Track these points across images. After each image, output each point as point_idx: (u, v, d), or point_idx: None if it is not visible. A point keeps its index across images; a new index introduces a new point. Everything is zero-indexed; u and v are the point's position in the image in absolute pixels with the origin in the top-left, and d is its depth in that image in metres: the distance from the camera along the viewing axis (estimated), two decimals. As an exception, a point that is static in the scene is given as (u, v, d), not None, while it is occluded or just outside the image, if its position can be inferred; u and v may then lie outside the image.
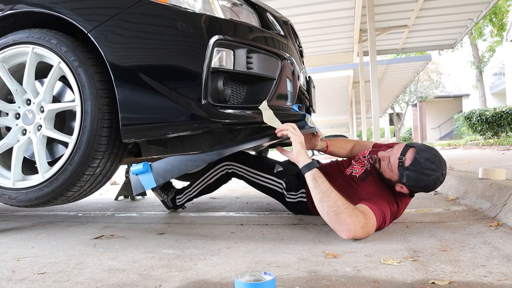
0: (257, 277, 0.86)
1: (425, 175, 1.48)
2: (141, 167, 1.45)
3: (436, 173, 1.48)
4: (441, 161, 1.50)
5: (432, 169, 1.47)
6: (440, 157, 1.51)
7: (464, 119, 11.95)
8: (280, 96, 1.60)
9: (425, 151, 1.50)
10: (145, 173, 1.45)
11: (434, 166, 1.47)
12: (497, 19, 15.09)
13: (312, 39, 7.29)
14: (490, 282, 0.95)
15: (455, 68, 26.61)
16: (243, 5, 1.60)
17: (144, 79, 1.36)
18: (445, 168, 1.51)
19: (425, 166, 1.47)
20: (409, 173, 1.49)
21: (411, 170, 1.48)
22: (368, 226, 1.38)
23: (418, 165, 1.47)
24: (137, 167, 1.45)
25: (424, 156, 1.48)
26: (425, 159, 1.47)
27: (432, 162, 1.47)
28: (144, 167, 1.45)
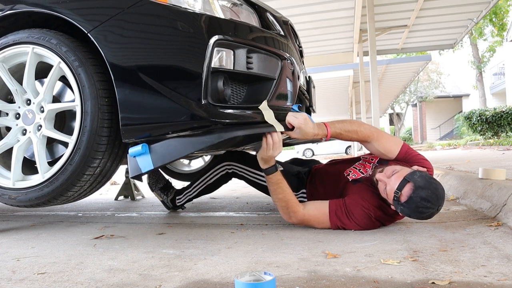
0: (257, 277, 0.86)
1: (419, 213, 1.46)
2: (139, 148, 1.39)
3: (431, 211, 1.45)
4: (438, 198, 1.45)
5: (427, 207, 1.44)
6: (438, 193, 1.45)
7: (464, 119, 11.95)
8: (280, 96, 1.60)
9: (423, 188, 1.43)
10: (143, 155, 1.39)
11: (430, 205, 1.44)
12: (498, 19, 15.07)
13: (312, 39, 7.29)
14: (490, 282, 0.95)
15: (455, 68, 26.61)
16: (243, 5, 1.60)
17: (144, 79, 1.36)
18: (442, 203, 1.47)
19: (420, 205, 1.44)
20: (403, 208, 1.48)
21: (405, 206, 1.46)
22: (302, 221, 1.64)
23: (413, 204, 1.44)
24: (135, 149, 1.40)
25: (420, 195, 1.43)
26: (421, 198, 1.43)
27: (428, 201, 1.43)
28: (143, 149, 1.39)
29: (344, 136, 1.68)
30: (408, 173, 1.50)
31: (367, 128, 1.72)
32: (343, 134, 1.67)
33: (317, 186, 1.88)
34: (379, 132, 1.73)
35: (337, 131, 1.65)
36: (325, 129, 1.62)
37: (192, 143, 1.37)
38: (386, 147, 1.70)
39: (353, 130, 1.67)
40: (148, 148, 1.40)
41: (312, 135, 1.60)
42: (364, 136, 1.69)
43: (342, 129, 1.66)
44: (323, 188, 1.84)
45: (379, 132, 1.72)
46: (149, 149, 1.39)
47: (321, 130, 1.62)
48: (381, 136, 1.70)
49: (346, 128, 1.67)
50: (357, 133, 1.68)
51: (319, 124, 1.63)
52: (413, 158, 1.68)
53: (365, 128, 1.70)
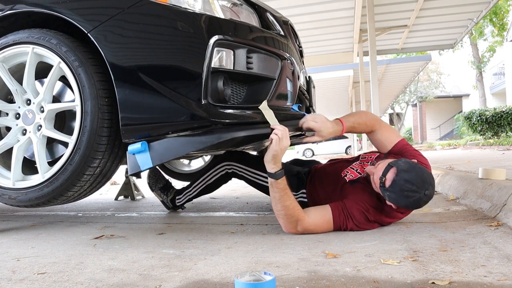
0: (257, 277, 0.86)
1: (404, 197, 1.44)
2: (139, 146, 1.38)
3: (417, 195, 1.42)
4: (424, 182, 1.43)
5: (412, 190, 1.42)
6: (424, 177, 1.44)
7: (464, 119, 11.95)
8: (280, 96, 1.60)
9: (406, 171, 1.44)
10: (142, 153, 1.38)
11: (415, 188, 1.41)
12: (498, 19, 15.08)
13: (312, 39, 7.29)
14: (490, 282, 0.95)
15: (455, 68, 26.61)
16: (243, 5, 1.60)
17: (144, 79, 1.36)
18: (430, 188, 1.44)
19: (404, 188, 1.42)
20: (389, 194, 1.47)
21: (390, 191, 1.46)
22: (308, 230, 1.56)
23: (397, 187, 1.43)
24: (134, 146, 1.39)
25: (403, 177, 1.42)
26: (405, 180, 1.42)
27: (412, 184, 1.41)
28: (142, 146, 1.38)
29: (356, 129, 1.74)
30: (394, 160, 1.54)
31: (373, 118, 1.79)
32: (356, 127, 1.72)
33: (317, 186, 1.88)
34: (382, 122, 1.81)
35: (350, 125, 1.69)
36: (341, 125, 1.66)
37: (192, 143, 1.37)
38: (387, 136, 1.76)
39: (363, 122, 1.73)
40: (148, 146, 1.39)
41: (331, 134, 1.63)
42: (371, 126, 1.75)
43: (355, 122, 1.71)
44: (322, 189, 1.84)
45: (381, 122, 1.80)
46: (149, 147, 1.39)
47: (338, 126, 1.66)
48: (383, 126, 1.78)
49: (358, 120, 1.73)
50: (366, 124, 1.74)
51: (335, 121, 1.68)
52: (410, 152, 1.69)
53: (372, 118, 1.78)
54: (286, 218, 1.54)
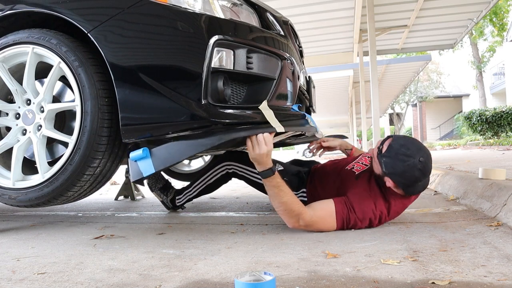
0: (257, 277, 0.86)
1: (399, 161, 1.50)
2: (140, 152, 1.39)
3: (411, 159, 1.49)
4: (419, 148, 1.52)
5: (406, 154, 1.49)
6: (418, 145, 1.54)
7: (464, 119, 11.95)
8: (280, 96, 1.60)
9: (401, 138, 1.57)
10: (144, 159, 1.39)
11: (409, 152, 1.49)
12: (498, 19, 15.08)
13: (312, 39, 7.28)
14: (490, 282, 0.95)
15: (455, 68, 26.62)
16: (243, 5, 1.60)
17: (144, 79, 1.36)
18: (425, 156, 1.51)
19: (399, 152, 1.50)
20: (385, 159, 1.53)
21: (386, 156, 1.53)
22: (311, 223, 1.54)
23: (393, 151, 1.52)
24: (136, 153, 1.39)
25: (399, 142, 1.53)
26: (400, 145, 1.52)
27: (407, 148, 1.50)
28: (144, 153, 1.39)
29: None
30: None
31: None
32: None
33: (317, 186, 1.88)
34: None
35: None
36: None
37: (193, 146, 1.38)
38: None
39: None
40: (149, 152, 1.40)
41: None
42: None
43: None
44: (322, 188, 1.84)
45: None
46: (150, 153, 1.40)
47: None
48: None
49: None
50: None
51: None
52: None
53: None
54: (286, 213, 1.55)
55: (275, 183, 1.53)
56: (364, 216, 1.56)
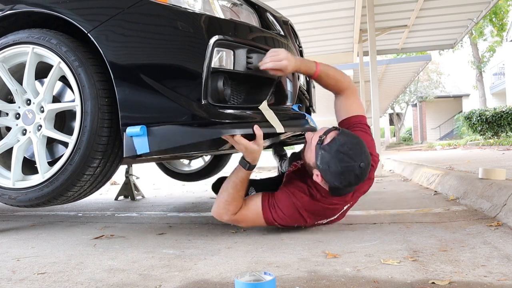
0: (257, 277, 0.86)
1: (338, 160, 1.36)
2: (137, 130, 1.34)
3: (351, 162, 1.35)
4: (362, 152, 1.38)
5: (348, 155, 1.35)
6: (363, 148, 1.40)
7: (464, 119, 11.94)
8: (280, 96, 1.60)
9: (348, 135, 1.42)
10: (140, 137, 1.35)
11: (351, 153, 1.36)
12: (497, 19, 15.07)
13: (312, 39, 7.28)
14: (490, 282, 0.95)
15: (455, 68, 26.61)
16: (243, 5, 1.60)
17: (144, 79, 1.36)
18: (365, 162, 1.37)
19: (340, 150, 1.36)
20: (323, 152, 1.39)
21: (326, 150, 1.39)
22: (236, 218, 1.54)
23: (334, 146, 1.38)
24: (133, 129, 1.35)
25: (344, 139, 1.39)
26: (344, 142, 1.38)
27: (350, 149, 1.37)
28: (141, 131, 1.35)
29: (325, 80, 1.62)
30: None
31: (347, 82, 1.67)
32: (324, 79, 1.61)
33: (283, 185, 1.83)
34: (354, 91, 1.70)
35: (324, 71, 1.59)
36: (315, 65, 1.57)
37: (191, 134, 1.35)
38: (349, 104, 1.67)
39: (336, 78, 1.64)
40: (147, 131, 1.36)
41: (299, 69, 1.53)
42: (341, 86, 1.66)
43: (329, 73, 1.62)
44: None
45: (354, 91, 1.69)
46: (148, 132, 1.36)
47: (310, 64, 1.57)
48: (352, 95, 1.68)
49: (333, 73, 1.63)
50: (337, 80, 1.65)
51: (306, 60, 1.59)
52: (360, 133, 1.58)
53: (346, 80, 1.67)
54: (223, 203, 1.52)
55: (241, 177, 1.50)
56: (288, 217, 1.50)
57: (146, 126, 1.36)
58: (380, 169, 4.66)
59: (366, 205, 2.29)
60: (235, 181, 1.51)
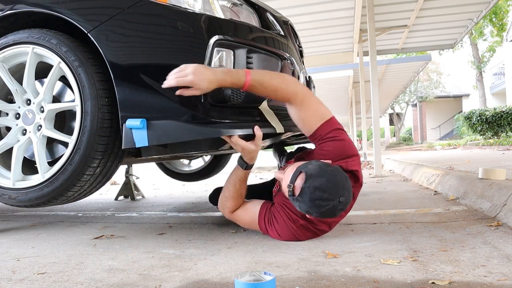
0: (257, 277, 0.86)
1: (317, 207, 1.26)
2: (137, 123, 1.34)
3: (330, 203, 1.25)
4: (338, 187, 1.26)
5: (323, 199, 1.24)
6: (336, 180, 1.27)
7: (464, 119, 11.95)
8: (280, 96, 1.60)
9: (316, 177, 1.25)
10: (139, 130, 1.34)
11: (327, 195, 1.24)
12: (497, 19, 15.07)
13: (312, 39, 7.28)
14: (490, 282, 0.95)
15: (455, 68, 26.61)
16: (243, 5, 1.60)
17: (144, 79, 1.36)
18: (346, 193, 1.28)
19: (314, 197, 1.24)
20: (299, 204, 1.29)
21: (300, 201, 1.28)
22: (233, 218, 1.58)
23: (307, 196, 1.25)
24: (133, 122, 1.34)
25: (313, 184, 1.25)
26: (315, 188, 1.24)
27: (324, 191, 1.24)
28: (141, 124, 1.34)
29: (261, 91, 1.38)
30: (303, 163, 1.33)
31: (293, 86, 1.40)
32: (260, 89, 1.36)
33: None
34: (307, 96, 1.42)
35: (258, 80, 1.35)
36: (244, 75, 1.33)
37: (190, 130, 1.35)
38: (306, 116, 1.42)
39: (274, 86, 1.36)
40: (147, 124, 1.36)
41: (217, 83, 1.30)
42: (285, 96, 1.39)
43: (264, 81, 1.36)
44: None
45: (307, 95, 1.41)
46: (148, 126, 1.35)
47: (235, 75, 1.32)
48: (305, 102, 1.40)
49: (269, 81, 1.36)
50: (276, 92, 1.38)
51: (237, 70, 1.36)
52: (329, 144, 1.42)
53: (289, 86, 1.39)
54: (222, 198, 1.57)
55: (240, 176, 1.51)
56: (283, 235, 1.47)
57: (146, 120, 1.36)
58: (380, 169, 4.66)
59: (366, 205, 2.29)
60: (235, 180, 1.53)
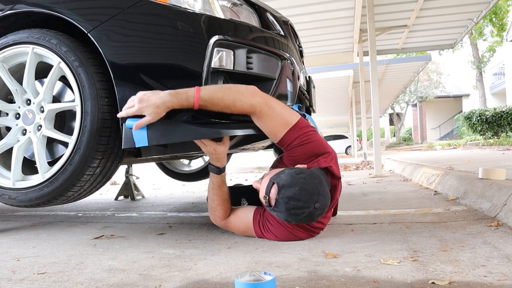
0: (257, 277, 0.86)
1: (294, 215, 1.28)
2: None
3: (305, 210, 1.27)
4: (311, 194, 1.26)
5: (299, 207, 1.26)
6: (309, 188, 1.27)
7: (464, 119, 11.95)
8: (280, 96, 1.60)
9: (289, 187, 1.26)
10: (139, 129, 1.33)
11: (301, 204, 1.26)
12: (497, 19, 15.08)
13: (312, 39, 7.28)
14: (490, 282, 0.95)
15: (455, 68, 26.64)
16: (243, 5, 1.60)
17: (144, 79, 1.36)
18: (320, 199, 1.28)
19: (290, 207, 1.26)
20: (277, 213, 1.32)
21: (277, 211, 1.31)
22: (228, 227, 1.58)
23: (282, 207, 1.27)
24: (133, 122, 1.32)
25: (286, 195, 1.26)
26: (288, 198, 1.26)
27: (298, 200, 1.25)
28: None
29: (217, 107, 1.33)
30: (276, 173, 1.34)
31: (248, 100, 1.34)
32: (213, 106, 1.32)
33: None
34: (266, 106, 1.36)
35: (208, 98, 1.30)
36: (193, 94, 1.29)
37: (190, 131, 1.36)
38: (269, 126, 1.39)
39: (226, 105, 1.32)
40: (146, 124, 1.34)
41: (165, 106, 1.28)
42: (241, 111, 1.35)
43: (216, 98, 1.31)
44: None
45: (264, 106, 1.35)
46: (147, 126, 1.35)
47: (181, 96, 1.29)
48: (265, 113, 1.36)
49: (220, 98, 1.31)
50: (230, 108, 1.34)
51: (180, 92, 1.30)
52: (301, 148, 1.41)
53: (244, 100, 1.33)
54: (210, 209, 1.59)
55: (217, 182, 1.54)
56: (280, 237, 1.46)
57: None
58: (380, 169, 4.66)
59: (366, 205, 2.29)
60: (214, 188, 1.55)
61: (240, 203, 1.74)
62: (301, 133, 1.39)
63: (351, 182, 3.88)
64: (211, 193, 1.56)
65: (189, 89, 1.31)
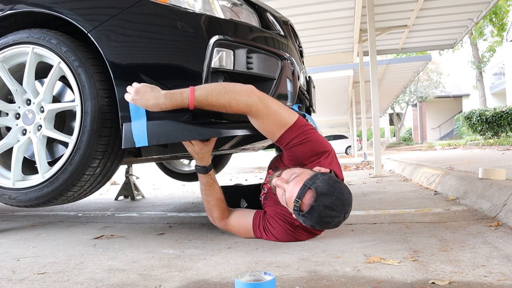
0: (257, 277, 0.86)
1: (323, 223, 1.27)
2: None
3: (336, 219, 1.27)
4: (344, 205, 1.26)
5: (332, 216, 1.24)
6: (344, 199, 1.26)
7: (464, 119, 11.95)
8: (280, 96, 1.60)
9: (326, 195, 1.23)
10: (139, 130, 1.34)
11: (335, 213, 1.24)
12: (497, 19, 15.08)
13: (312, 39, 7.28)
14: (490, 282, 0.95)
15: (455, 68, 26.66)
16: (243, 5, 1.60)
17: (144, 79, 1.36)
18: (349, 209, 1.29)
19: (323, 215, 1.24)
20: (305, 219, 1.28)
21: (307, 217, 1.26)
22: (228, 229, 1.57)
23: (316, 214, 1.24)
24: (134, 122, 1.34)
25: (323, 203, 1.23)
26: (325, 207, 1.23)
27: (333, 210, 1.24)
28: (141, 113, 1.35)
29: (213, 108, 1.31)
30: (309, 177, 1.28)
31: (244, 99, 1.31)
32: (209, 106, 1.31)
33: None
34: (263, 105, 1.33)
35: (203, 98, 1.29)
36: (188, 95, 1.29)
37: (190, 131, 1.36)
38: (267, 126, 1.36)
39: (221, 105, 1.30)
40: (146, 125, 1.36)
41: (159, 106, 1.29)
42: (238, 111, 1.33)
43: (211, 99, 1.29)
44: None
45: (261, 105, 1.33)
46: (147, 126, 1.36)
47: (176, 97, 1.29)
48: (261, 112, 1.33)
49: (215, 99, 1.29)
50: (226, 108, 1.32)
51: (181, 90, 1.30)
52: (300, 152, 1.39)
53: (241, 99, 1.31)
54: (207, 211, 1.57)
55: (206, 181, 1.53)
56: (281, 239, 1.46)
57: (146, 118, 1.36)
58: (380, 169, 4.66)
59: (366, 205, 2.29)
60: (205, 189, 1.54)
61: (239, 203, 1.74)
62: (300, 132, 1.37)
63: (351, 182, 3.88)
64: (204, 195, 1.55)
65: (184, 89, 1.30)
